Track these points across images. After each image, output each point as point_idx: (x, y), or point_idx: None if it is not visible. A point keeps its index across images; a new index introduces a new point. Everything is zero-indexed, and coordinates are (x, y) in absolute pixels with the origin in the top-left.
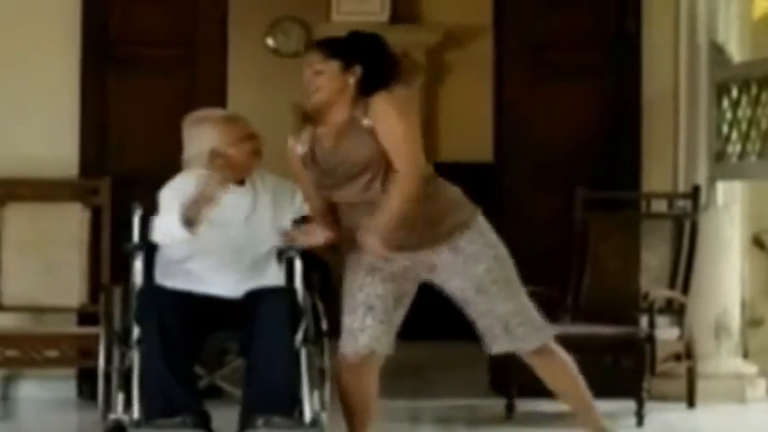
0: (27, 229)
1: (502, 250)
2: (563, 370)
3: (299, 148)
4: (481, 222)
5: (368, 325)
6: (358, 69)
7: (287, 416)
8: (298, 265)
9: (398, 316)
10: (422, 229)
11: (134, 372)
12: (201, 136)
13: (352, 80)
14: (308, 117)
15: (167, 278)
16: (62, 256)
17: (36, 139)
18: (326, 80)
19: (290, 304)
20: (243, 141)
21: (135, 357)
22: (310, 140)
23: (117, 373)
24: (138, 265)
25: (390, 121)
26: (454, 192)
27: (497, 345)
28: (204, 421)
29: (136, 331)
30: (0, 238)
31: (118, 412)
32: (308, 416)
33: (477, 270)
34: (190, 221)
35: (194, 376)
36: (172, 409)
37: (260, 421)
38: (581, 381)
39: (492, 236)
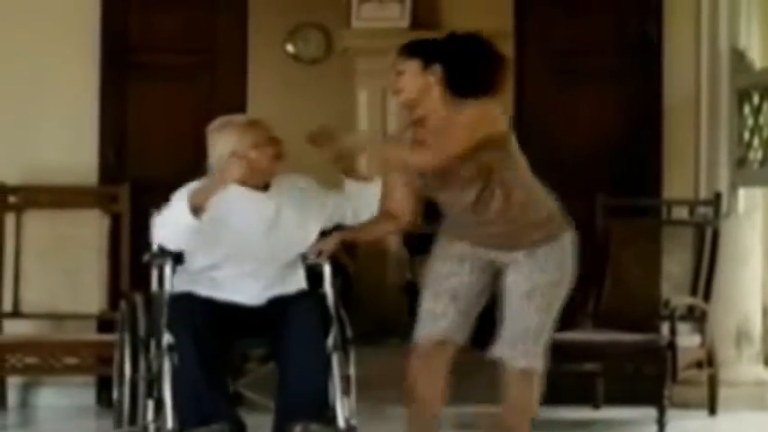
0: (46, 235)
1: (567, 278)
2: (525, 406)
3: None
4: (567, 242)
5: (449, 312)
6: (437, 68)
7: (324, 422)
8: (327, 270)
9: (476, 310)
10: (519, 233)
11: (165, 379)
12: (223, 140)
13: (432, 78)
14: (413, 121)
15: (190, 285)
16: (81, 263)
17: (55, 146)
18: (407, 80)
19: (321, 309)
20: (264, 145)
21: (166, 365)
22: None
23: (143, 381)
24: (167, 271)
25: (461, 125)
26: (553, 205)
27: (497, 350)
28: (240, 429)
29: (166, 338)
30: (19, 244)
31: (148, 420)
32: (341, 422)
33: (539, 279)
34: (196, 209)
35: (227, 384)
36: (208, 417)
37: (298, 428)
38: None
39: (569, 261)
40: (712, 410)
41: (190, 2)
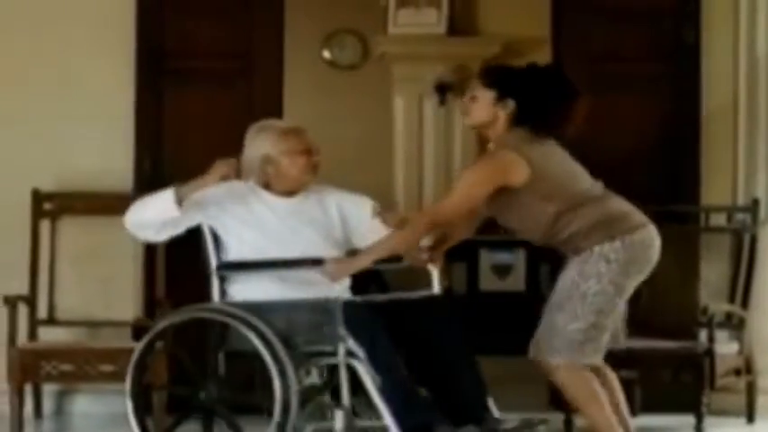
0: (82, 242)
1: (593, 285)
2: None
3: None
4: (607, 250)
5: (604, 347)
6: (511, 104)
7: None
8: (435, 273)
9: None
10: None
11: (345, 386)
12: (258, 143)
13: (502, 113)
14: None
15: (279, 285)
16: (117, 270)
17: (90, 153)
18: (478, 107)
19: (450, 309)
20: (298, 155)
21: (343, 372)
22: None
23: (297, 395)
24: (241, 279)
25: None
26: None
27: (530, 351)
28: None
29: (350, 344)
30: (54, 251)
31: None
32: (497, 414)
33: (567, 277)
34: (180, 200)
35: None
36: (429, 423)
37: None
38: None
39: (601, 268)
40: (750, 418)
41: (226, 8)
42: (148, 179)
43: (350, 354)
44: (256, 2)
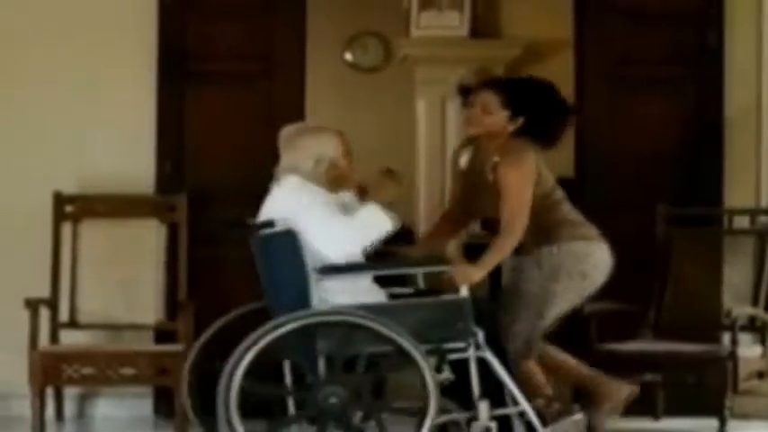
0: (103, 245)
1: (553, 285)
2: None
3: (461, 162)
4: (572, 249)
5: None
6: (521, 121)
7: None
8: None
9: None
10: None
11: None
12: (322, 143)
13: (511, 127)
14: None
15: (370, 287)
16: (138, 273)
17: (112, 155)
18: (492, 121)
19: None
20: (348, 157)
21: (495, 363)
22: (470, 160)
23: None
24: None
25: (510, 184)
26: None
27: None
28: None
29: (479, 338)
30: (76, 254)
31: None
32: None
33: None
34: None
35: None
36: None
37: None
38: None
39: (561, 268)
40: None
41: (248, 10)
42: (170, 181)
43: (478, 347)
44: (278, 4)
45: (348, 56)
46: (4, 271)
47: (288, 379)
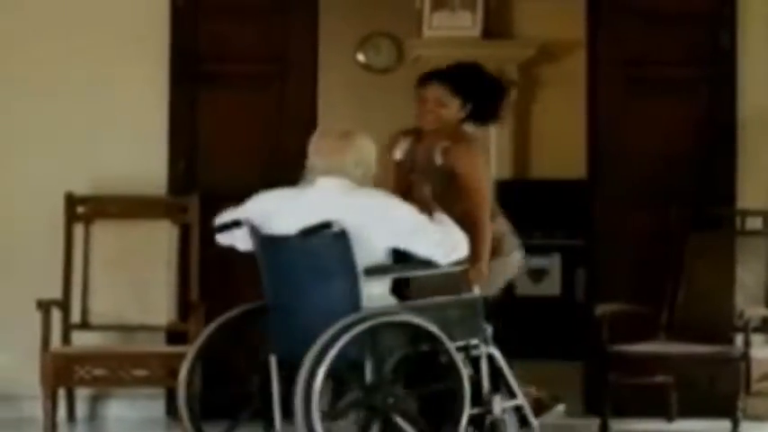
0: (115, 246)
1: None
2: None
3: (397, 153)
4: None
5: None
6: (469, 107)
7: None
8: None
9: None
10: None
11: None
12: (369, 150)
13: (462, 113)
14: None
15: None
16: (150, 274)
17: (124, 156)
18: (448, 114)
19: None
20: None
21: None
22: (408, 151)
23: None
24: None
25: (468, 172)
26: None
27: None
28: None
29: (488, 334)
30: (87, 255)
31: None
32: None
33: None
34: None
35: None
36: None
37: None
38: None
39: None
40: None
41: (260, 11)
42: (182, 183)
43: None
44: (291, 5)
45: (361, 57)
46: (17, 272)
47: (274, 374)
